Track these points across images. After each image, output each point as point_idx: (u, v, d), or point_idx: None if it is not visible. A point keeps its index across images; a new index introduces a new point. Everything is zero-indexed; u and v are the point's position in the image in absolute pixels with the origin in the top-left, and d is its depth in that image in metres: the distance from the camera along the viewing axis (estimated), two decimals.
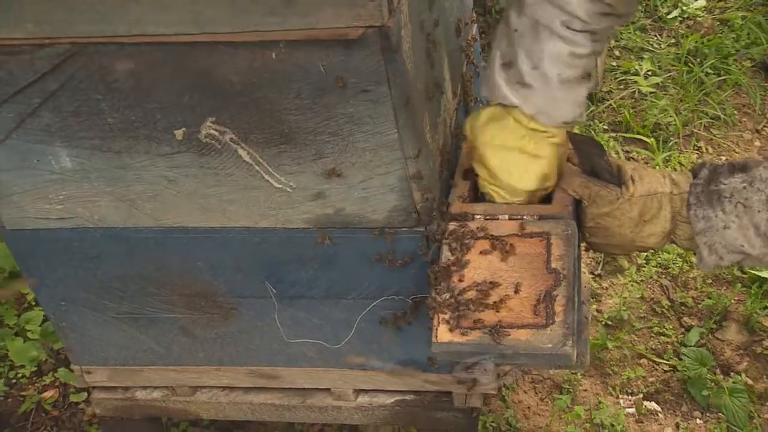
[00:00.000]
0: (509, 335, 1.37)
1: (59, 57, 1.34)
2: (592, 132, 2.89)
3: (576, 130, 2.81)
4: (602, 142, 2.85)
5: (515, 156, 1.50)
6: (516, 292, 1.41)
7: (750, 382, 2.22)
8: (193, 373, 1.81)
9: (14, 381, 2.35)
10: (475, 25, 1.94)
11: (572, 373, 2.26)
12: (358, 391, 1.80)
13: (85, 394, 2.27)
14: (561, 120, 1.49)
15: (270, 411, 1.84)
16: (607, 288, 2.48)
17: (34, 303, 2.49)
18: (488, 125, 1.53)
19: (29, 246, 1.62)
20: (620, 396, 2.25)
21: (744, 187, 1.42)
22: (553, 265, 1.43)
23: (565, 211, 1.50)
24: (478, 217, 1.52)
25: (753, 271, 2.39)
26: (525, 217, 1.50)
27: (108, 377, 1.85)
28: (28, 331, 2.38)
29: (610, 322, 2.38)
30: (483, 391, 1.71)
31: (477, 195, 1.62)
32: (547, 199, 1.55)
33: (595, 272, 2.53)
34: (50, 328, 2.33)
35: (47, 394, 2.31)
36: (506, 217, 1.51)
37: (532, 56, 1.46)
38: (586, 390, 2.25)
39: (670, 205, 1.50)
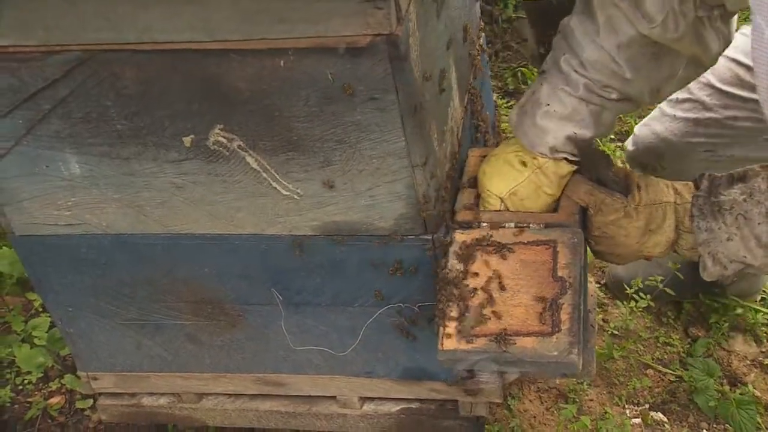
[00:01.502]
0: (515, 343, 1.37)
1: (69, 64, 1.35)
2: (599, 139, 2.89)
3: None
4: (608, 152, 2.85)
5: (500, 164, 1.56)
6: (521, 300, 1.41)
7: (757, 393, 2.21)
8: (199, 380, 1.82)
9: (21, 387, 2.35)
10: (483, 34, 1.95)
11: (578, 383, 2.25)
12: (364, 399, 1.80)
13: (91, 400, 2.27)
14: (536, 148, 1.53)
15: (276, 418, 1.84)
16: (613, 297, 2.47)
17: (41, 309, 2.50)
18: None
19: (38, 252, 1.63)
20: (626, 406, 2.24)
21: (744, 199, 1.42)
22: (560, 273, 1.43)
23: (572, 219, 1.50)
24: (484, 224, 1.52)
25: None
26: (531, 225, 1.50)
27: (114, 383, 1.85)
28: (35, 337, 2.38)
29: (616, 332, 2.37)
30: (489, 399, 1.71)
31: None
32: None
33: (602, 282, 2.52)
34: (57, 334, 2.34)
35: (53, 401, 2.31)
36: (512, 225, 1.51)
37: (537, 81, 1.55)
38: (592, 400, 2.25)
39: (674, 215, 1.50)
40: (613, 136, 2.95)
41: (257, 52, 1.30)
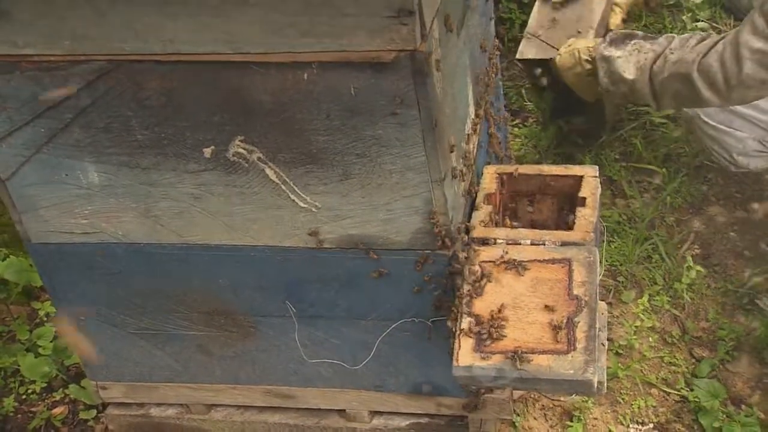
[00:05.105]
0: (530, 360, 1.38)
1: (93, 73, 1.36)
2: (603, 160, 2.90)
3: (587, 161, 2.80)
4: (614, 171, 2.87)
5: None
6: (537, 317, 1.42)
7: (762, 415, 2.21)
8: (208, 391, 1.82)
9: (24, 397, 2.34)
10: (498, 51, 1.97)
11: (583, 401, 2.25)
12: (373, 413, 1.80)
13: (95, 411, 2.26)
14: None
15: (285, 431, 1.84)
16: (618, 316, 2.48)
17: (46, 319, 2.49)
18: None
19: (53, 260, 1.64)
20: (630, 425, 2.24)
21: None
22: (575, 292, 1.44)
23: (588, 237, 1.51)
24: (500, 241, 1.53)
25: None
26: (547, 242, 1.51)
27: (123, 393, 1.85)
28: (40, 346, 2.37)
29: (620, 351, 2.37)
30: (499, 416, 1.71)
31: (498, 220, 1.63)
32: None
33: (606, 300, 2.53)
34: (62, 344, 2.33)
35: (57, 411, 2.30)
36: (528, 242, 1.52)
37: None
38: (596, 418, 2.25)
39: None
40: (617, 156, 2.96)
41: (280, 65, 1.32)
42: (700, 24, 3.49)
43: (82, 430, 2.27)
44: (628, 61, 2.10)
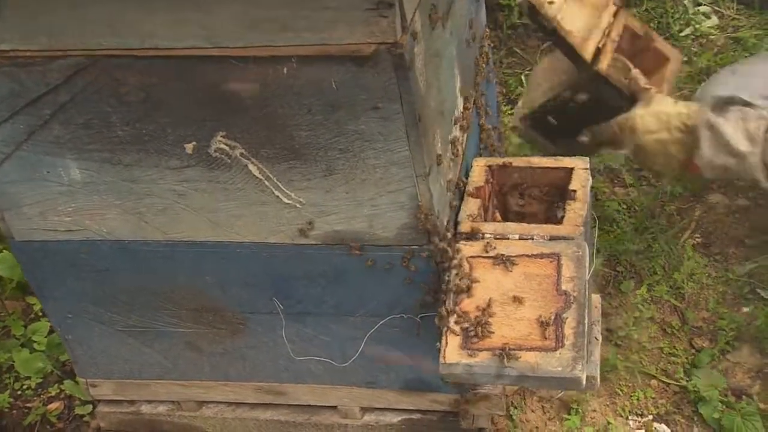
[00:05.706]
0: (518, 357, 1.36)
1: (71, 69, 1.34)
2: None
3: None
4: (615, 158, 2.83)
5: None
6: (525, 313, 1.40)
7: (762, 405, 2.19)
8: (199, 388, 1.80)
9: (19, 392, 2.34)
10: (488, 40, 1.94)
11: (581, 393, 2.24)
12: (365, 410, 1.78)
13: (90, 406, 2.25)
14: None
15: (276, 428, 1.83)
16: (617, 307, 2.45)
17: (40, 314, 2.48)
18: None
19: (37, 258, 1.62)
20: (630, 417, 2.22)
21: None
22: (564, 287, 1.41)
23: (576, 231, 1.48)
24: (488, 236, 1.51)
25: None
26: (535, 237, 1.49)
27: (113, 391, 1.84)
28: (35, 342, 2.37)
29: (619, 342, 2.35)
30: (492, 411, 1.69)
31: (487, 214, 1.61)
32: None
33: (605, 290, 2.50)
34: (57, 339, 2.32)
35: (52, 406, 2.29)
36: (516, 236, 1.50)
37: None
38: (595, 410, 2.23)
39: None
40: None
41: (260, 60, 1.29)
42: (702, 8, 3.44)
43: (78, 425, 2.27)
44: (737, 130, 1.83)
